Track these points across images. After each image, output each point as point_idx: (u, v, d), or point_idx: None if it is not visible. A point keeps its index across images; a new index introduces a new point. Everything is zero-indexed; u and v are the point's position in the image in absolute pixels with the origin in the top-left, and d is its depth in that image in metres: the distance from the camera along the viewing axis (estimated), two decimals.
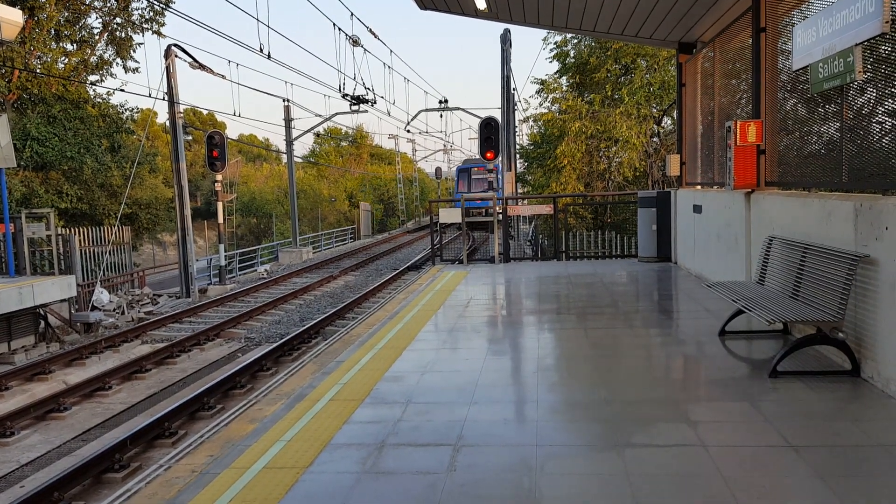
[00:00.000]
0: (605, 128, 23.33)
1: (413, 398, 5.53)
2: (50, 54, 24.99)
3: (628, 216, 21.72)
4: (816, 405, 4.94)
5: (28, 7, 23.15)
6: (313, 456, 4.40)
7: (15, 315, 13.30)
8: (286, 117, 32.23)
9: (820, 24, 5.94)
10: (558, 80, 26.54)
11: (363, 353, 6.99)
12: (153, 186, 31.25)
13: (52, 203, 22.79)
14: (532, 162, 30.42)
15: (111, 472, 7.51)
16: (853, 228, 5.44)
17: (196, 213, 42.20)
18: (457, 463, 4.20)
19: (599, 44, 23.62)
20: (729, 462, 4.04)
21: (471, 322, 8.33)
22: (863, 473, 3.86)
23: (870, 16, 5.07)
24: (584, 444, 4.48)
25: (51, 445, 8.77)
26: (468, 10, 11.90)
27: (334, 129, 65.90)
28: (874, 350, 5.22)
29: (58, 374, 11.81)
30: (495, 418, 4.95)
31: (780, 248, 6.87)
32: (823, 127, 6.55)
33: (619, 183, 24.87)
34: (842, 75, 5.59)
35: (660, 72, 23.02)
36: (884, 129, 5.47)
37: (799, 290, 6.19)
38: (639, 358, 6.55)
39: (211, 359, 12.88)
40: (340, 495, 3.87)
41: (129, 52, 27.60)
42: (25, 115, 24.03)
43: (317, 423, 5.00)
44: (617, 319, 8.18)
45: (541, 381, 5.81)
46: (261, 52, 17.55)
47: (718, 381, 5.66)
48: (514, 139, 29.38)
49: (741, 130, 7.77)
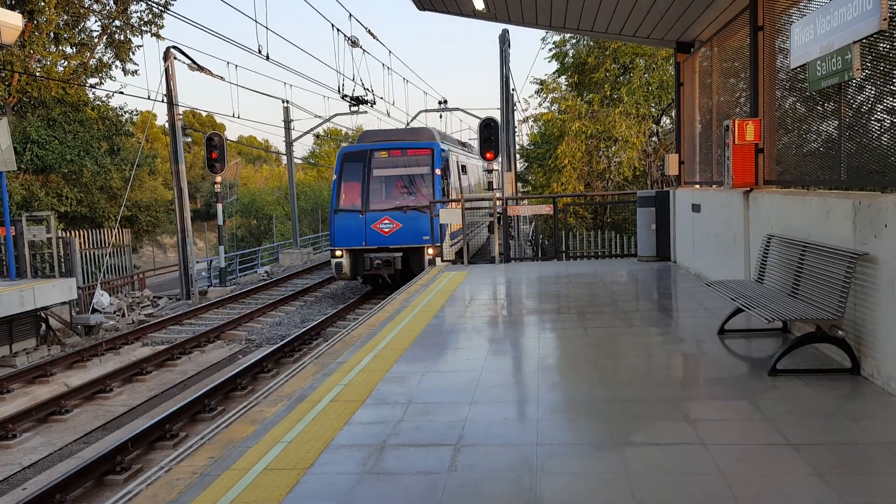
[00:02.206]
0: (605, 127, 23.36)
1: (414, 398, 5.53)
2: (49, 57, 25.03)
3: (627, 216, 21.77)
4: (816, 403, 4.94)
5: (27, 11, 23.17)
6: (314, 457, 4.41)
7: (16, 318, 13.30)
8: (285, 118, 32.25)
9: (818, 21, 5.95)
10: (557, 80, 26.58)
11: (364, 353, 6.99)
12: (153, 188, 31.28)
13: (52, 206, 22.83)
14: (532, 162, 30.45)
15: (113, 474, 7.52)
16: (852, 226, 5.44)
17: (196, 215, 42.26)
18: (458, 463, 4.21)
19: (598, 43, 23.64)
20: (729, 460, 4.05)
21: (472, 322, 8.34)
22: (863, 471, 3.86)
23: (868, 13, 5.07)
24: (585, 444, 4.49)
25: (52, 448, 8.77)
26: (466, 11, 11.91)
27: (334, 130, 65.91)
28: (874, 348, 5.22)
29: (59, 377, 11.81)
30: (496, 418, 4.95)
31: (778, 246, 6.88)
32: (822, 125, 6.56)
33: (619, 182, 24.89)
34: (840, 73, 5.60)
35: (658, 71, 23.06)
36: (882, 127, 5.48)
37: (798, 289, 6.20)
38: (639, 357, 6.55)
39: (211, 361, 12.88)
40: (341, 496, 3.87)
41: (128, 55, 27.65)
42: (25, 119, 24.06)
43: (318, 424, 5.00)
44: (617, 319, 8.18)
45: (541, 380, 5.81)
46: (259, 54, 17.56)
47: (718, 379, 5.66)
48: (513, 139, 28.02)
49: (739, 129, 7.78)
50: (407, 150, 17.15)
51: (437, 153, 17.25)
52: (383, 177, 17.34)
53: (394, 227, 16.54)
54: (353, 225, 16.72)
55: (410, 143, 17.47)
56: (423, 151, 16.81)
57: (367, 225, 16.50)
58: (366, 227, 16.39)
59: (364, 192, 16.99)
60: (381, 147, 17.38)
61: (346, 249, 16.55)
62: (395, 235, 16.58)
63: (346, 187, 17.12)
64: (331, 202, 17.20)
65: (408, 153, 17.14)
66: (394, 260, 16.26)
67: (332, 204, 17.08)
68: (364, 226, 16.27)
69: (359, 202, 16.88)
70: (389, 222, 16.56)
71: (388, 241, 16.56)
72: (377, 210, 16.88)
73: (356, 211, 16.81)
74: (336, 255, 16.71)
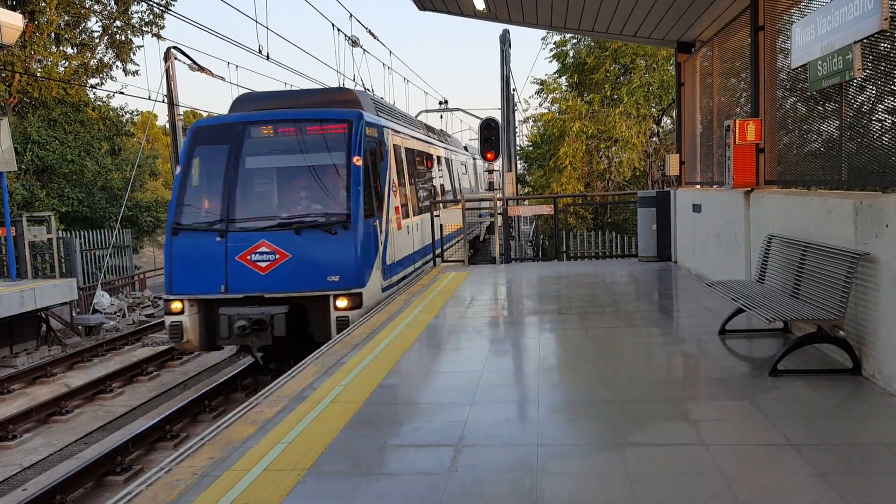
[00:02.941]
0: (605, 128, 23.36)
1: (414, 399, 5.53)
2: (50, 58, 25.04)
3: (628, 216, 21.75)
4: (817, 404, 4.93)
5: (28, 11, 23.18)
6: (314, 457, 4.40)
7: (17, 318, 13.30)
8: None
9: (818, 21, 5.94)
10: (558, 80, 26.58)
11: (365, 354, 6.99)
12: (154, 189, 31.30)
13: (52, 206, 22.81)
14: (532, 163, 30.45)
15: (113, 474, 7.52)
16: (853, 226, 5.43)
17: None
18: (458, 463, 4.20)
19: (598, 44, 23.64)
20: (730, 461, 4.04)
21: (472, 323, 8.33)
22: (864, 472, 3.85)
23: (869, 13, 5.06)
24: (585, 444, 4.48)
25: (53, 448, 8.77)
26: (467, 11, 11.91)
27: None
28: (875, 348, 5.21)
29: (60, 377, 11.81)
30: (497, 418, 4.95)
31: (779, 246, 6.87)
32: (823, 125, 6.55)
33: (619, 183, 24.90)
34: (841, 73, 5.59)
35: (658, 71, 23.06)
36: (883, 127, 5.47)
37: (799, 289, 6.19)
38: (639, 357, 6.55)
39: (212, 361, 12.88)
40: (342, 497, 3.87)
41: (128, 55, 27.66)
42: (26, 119, 24.08)
43: (318, 424, 5.00)
44: (617, 319, 8.17)
45: (542, 380, 5.80)
46: (259, 54, 17.56)
47: (719, 379, 5.65)
48: (514, 140, 27.63)
49: (740, 129, 7.76)
50: (306, 125, 10.21)
51: (359, 130, 10.15)
52: (261, 171, 10.40)
53: (276, 258, 9.46)
54: (204, 254, 9.62)
55: (312, 112, 10.51)
56: (334, 126, 10.12)
57: (229, 255, 9.53)
58: (227, 258, 9.51)
59: (226, 198, 9.86)
60: (260, 119, 10.33)
61: (191, 299, 9.64)
62: (279, 274, 9.46)
63: (196, 189, 10.24)
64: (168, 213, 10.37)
65: (307, 129, 10.18)
66: (271, 320, 9.21)
67: (170, 217, 10.11)
68: (224, 256, 9.50)
69: (216, 214, 9.85)
70: (269, 251, 9.47)
71: (266, 285, 9.47)
72: (248, 228, 9.68)
73: (211, 230, 9.73)
74: (172, 309, 9.64)
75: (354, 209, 9.73)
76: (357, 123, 10.19)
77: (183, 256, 9.76)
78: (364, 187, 9.96)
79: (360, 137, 10.13)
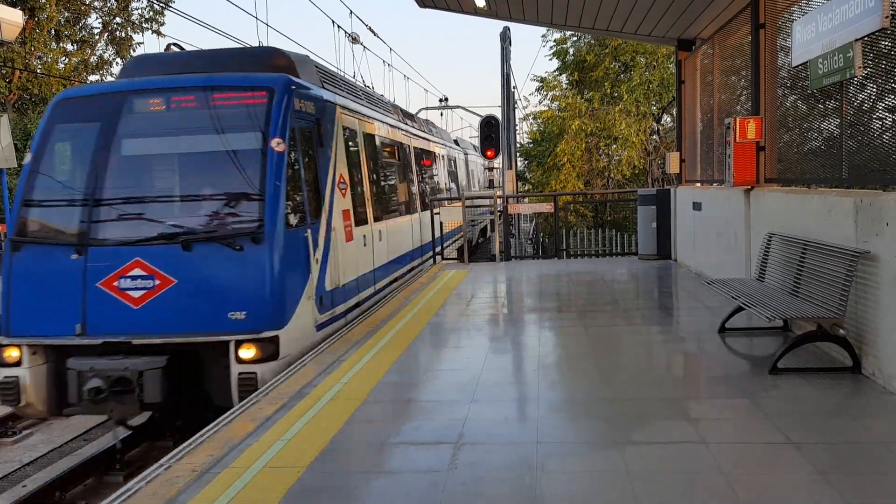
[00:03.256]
0: (605, 125, 23.35)
1: (414, 397, 5.53)
2: (50, 54, 25.03)
3: (628, 214, 21.76)
4: (817, 402, 4.93)
5: (28, 7, 23.16)
6: (314, 455, 4.40)
7: None
8: None
9: (819, 19, 5.93)
10: (558, 78, 26.56)
11: (364, 352, 6.98)
12: None
13: None
14: (532, 160, 30.43)
15: (113, 471, 7.51)
16: (853, 224, 5.43)
17: None
18: (458, 461, 4.20)
19: (598, 41, 23.63)
20: (730, 459, 4.04)
21: (472, 320, 8.33)
22: (864, 470, 3.85)
23: (869, 10, 5.06)
24: (585, 442, 4.48)
25: (52, 445, 8.76)
26: (467, 8, 11.90)
27: None
28: (875, 346, 5.21)
29: None
30: (496, 416, 4.95)
31: (779, 244, 6.87)
32: (823, 123, 6.54)
33: (619, 181, 24.89)
34: (841, 71, 5.59)
35: (659, 69, 23.04)
36: (884, 125, 5.47)
37: (799, 287, 6.18)
38: (639, 355, 6.55)
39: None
40: (341, 494, 3.87)
41: (129, 52, 27.66)
42: (26, 116, 24.05)
43: (317, 422, 5.00)
44: (617, 317, 8.17)
45: (542, 378, 5.80)
46: None
47: (719, 378, 5.65)
48: (514, 137, 26.96)
49: (740, 127, 7.76)
50: (209, 94, 7.32)
51: (284, 102, 7.31)
52: (142, 159, 7.47)
53: (155, 286, 6.63)
54: (53, 279, 6.84)
55: (217, 78, 7.52)
56: (248, 96, 7.32)
57: (88, 280, 6.73)
58: (86, 284, 6.72)
59: (89, 198, 7.02)
60: (146, 87, 7.46)
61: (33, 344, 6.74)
62: (158, 309, 6.65)
63: (50, 186, 7.38)
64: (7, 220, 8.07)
65: (211, 100, 7.27)
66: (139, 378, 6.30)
67: (9, 225, 7.34)
68: (82, 282, 6.73)
69: (73, 221, 7.02)
70: (146, 274, 6.66)
71: (140, 325, 6.62)
72: (117, 241, 6.83)
73: (64, 243, 6.93)
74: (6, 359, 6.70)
75: (270, 214, 6.81)
76: (281, 93, 7.29)
77: (25, 281, 6.90)
78: (289, 183, 7.16)
79: (284, 113, 7.22)
